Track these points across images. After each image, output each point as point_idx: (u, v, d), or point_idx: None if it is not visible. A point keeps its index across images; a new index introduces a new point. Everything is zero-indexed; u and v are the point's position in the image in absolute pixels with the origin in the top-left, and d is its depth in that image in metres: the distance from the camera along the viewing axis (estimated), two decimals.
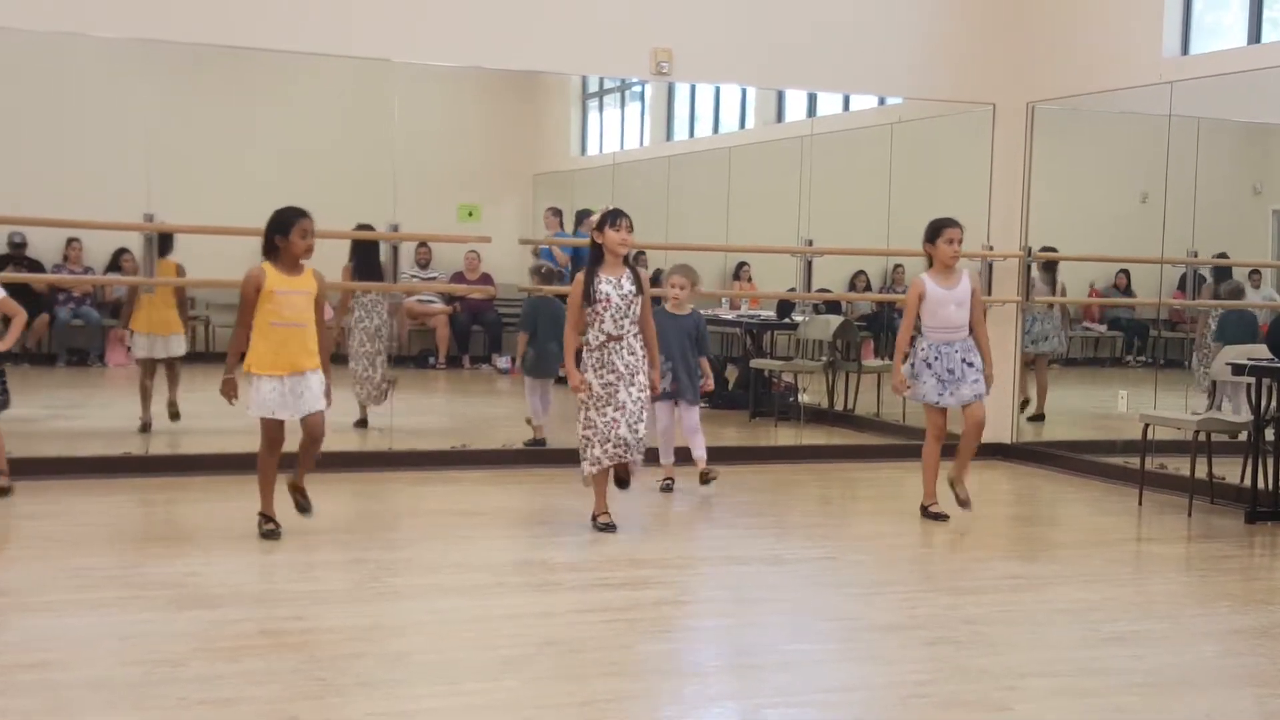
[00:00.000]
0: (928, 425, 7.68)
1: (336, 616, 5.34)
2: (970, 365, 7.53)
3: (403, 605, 5.64)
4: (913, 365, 7.62)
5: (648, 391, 6.99)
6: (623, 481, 7.18)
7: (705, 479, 8.35)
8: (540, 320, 9.59)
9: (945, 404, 7.55)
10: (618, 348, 6.92)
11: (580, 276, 7.00)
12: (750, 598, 5.99)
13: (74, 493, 7.78)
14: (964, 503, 7.57)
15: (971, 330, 7.56)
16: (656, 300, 7.95)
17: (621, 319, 6.92)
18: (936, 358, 7.52)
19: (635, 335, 6.97)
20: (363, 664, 4.72)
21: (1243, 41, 9.01)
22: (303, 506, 6.68)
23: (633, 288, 6.95)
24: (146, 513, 7.65)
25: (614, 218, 6.95)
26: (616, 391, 6.89)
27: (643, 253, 10.97)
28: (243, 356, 6.52)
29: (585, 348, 6.98)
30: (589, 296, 6.89)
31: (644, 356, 7.00)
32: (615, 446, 6.90)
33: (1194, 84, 8.90)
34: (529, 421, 9.65)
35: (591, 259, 7.00)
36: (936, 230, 7.58)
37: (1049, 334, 10.90)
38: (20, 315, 7.31)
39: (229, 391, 6.50)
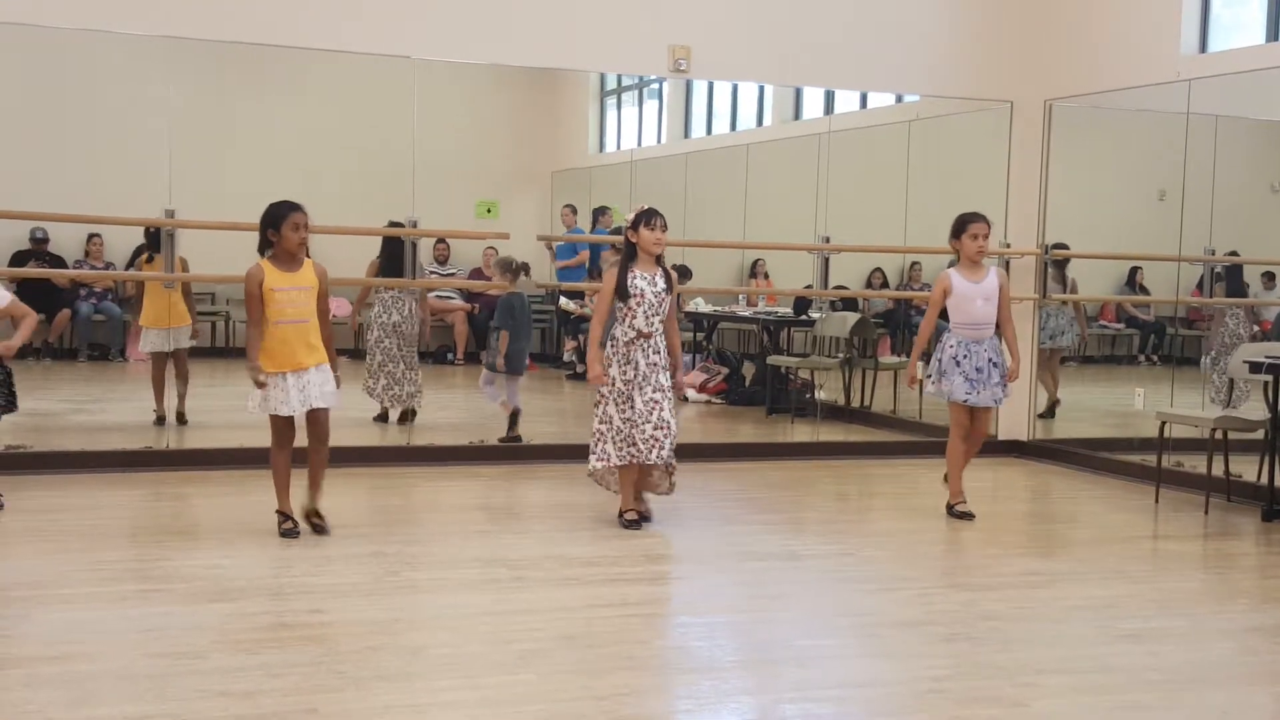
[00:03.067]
0: (953, 424, 7.64)
1: (355, 610, 5.38)
2: (995, 366, 7.53)
3: (421, 599, 5.68)
4: (939, 362, 7.59)
5: (666, 393, 6.99)
6: (646, 518, 7.13)
7: None
8: (517, 316, 9.54)
9: (973, 403, 7.54)
10: (644, 345, 6.95)
11: (613, 271, 7.03)
12: (766, 593, 6.01)
13: (95, 486, 7.84)
14: (966, 515, 7.60)
15: (999, 328, 7.57)
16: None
17: (653, 316, 6.96)
18: (965, 355, 7.50)
19: (660, 335, 7.01)
20: (381, 657, 4.75)
21: (1261, 39, 8.98)
22: (319, 529, 6.64)
23: (665, 286, 6.99)
24: (167, 506, 7.70)
25: (649, 217, 6.97)
26: (636, 390, 6.92)
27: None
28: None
29: (611, 342, 7.00)
30: (624, 292, 6.92)
31: (666, 357, 7.03)
32: (631, 446, 6.92)
33: (1212, 82, 8.88)
34: (514, 415, 9.63)
35: (626, 256, 7.03)
36: (962, 225, 7.56)
37: (1064, 329, 10.91)
38: (30, 317, 7.24)
39: (257, 377, 6.45)
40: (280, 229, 6.48)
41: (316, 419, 6.60)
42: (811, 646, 5.17)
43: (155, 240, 9.37)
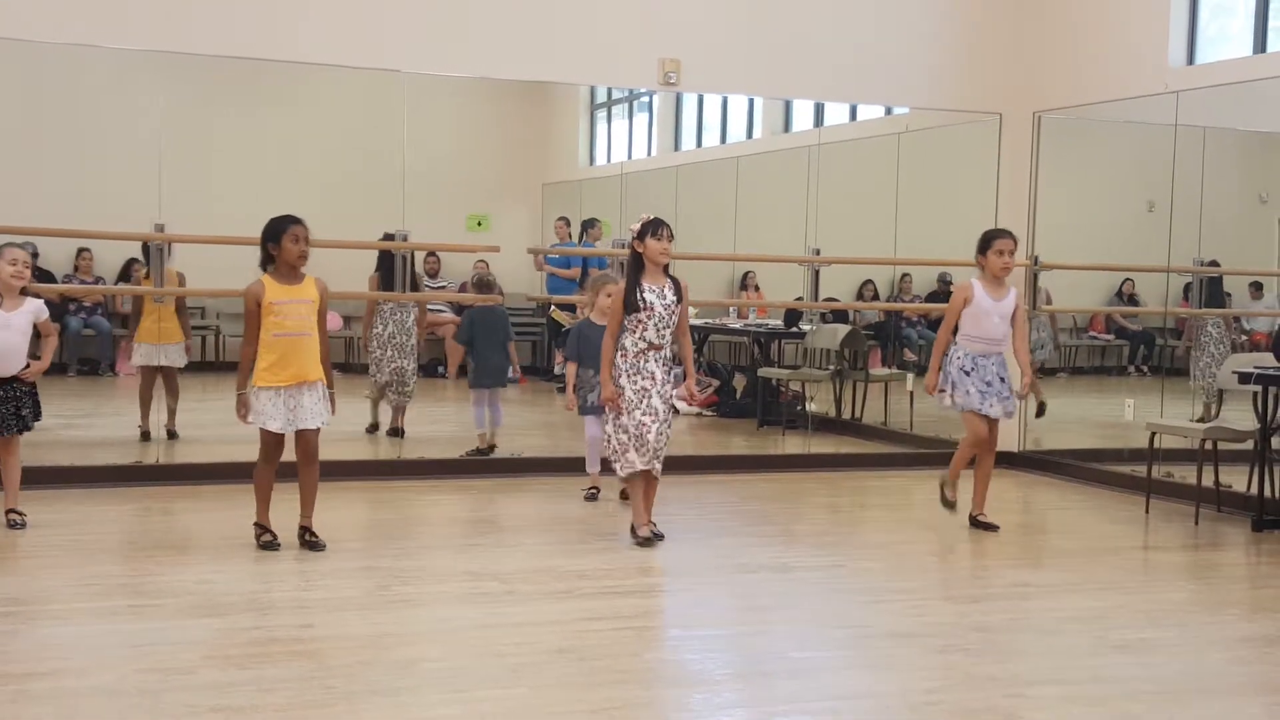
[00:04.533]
0: (969, 432, 7.57)
1: (347, 624, 5.37)
2: (1003, 381, 7.52)
3: (413, 613, 5.67)
4: (948, 374, 7.55)
5: (669, 404, 6.97)
6: (657, 535, 7.07)
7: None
8: (478, 331, 9.51)
9: (987, 412, 7.52)
10: (657, 356, 6.93)
11: (621, 284, 7.00)
12: (759, 606, 6.01)
13: (85, 502, 7.82)
14: (951, 505, 7.60)
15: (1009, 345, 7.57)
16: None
17: (664, 329, 6.92)
18: (973, 368, 7.49)
19: (671, 346, 6.99)
20: (373, 672, 4.74)
21: (1248, 51, 9.02)
22: (315, 545, 6.59)
23: (674, 297, 6.95)
24: (157, 521, 7.68)
25: (655, 227, 6.92)
26: (649, 396, 6.90)
27: None
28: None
29: (621, 354, 6.95)
30: (633, 305, 6.89)
31: (672, 368, 7.00)
32: (642, 451, 6.90)
33: (1199, 93, 8.92)
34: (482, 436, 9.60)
35: (632, 268, 6.98)
36: (987, 241, 7.54)
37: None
38: (53, 337, 7.20)
39: (241, 410, 6.52)
40: (280, 242, 6.48)
41: (305, 438, 6.58)
42: (804, 658, 5.17)
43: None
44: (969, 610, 5.94)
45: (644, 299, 6.88)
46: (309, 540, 6.61)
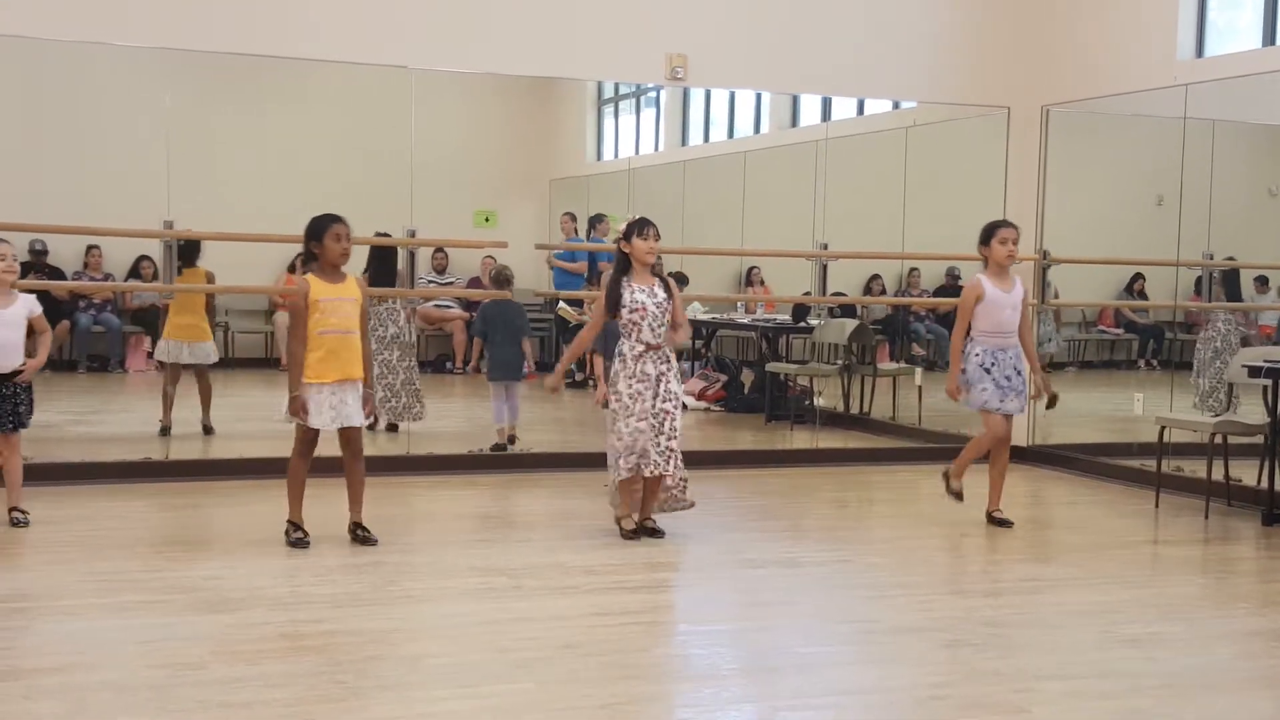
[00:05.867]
0: (989, 431, 7.50)
1: (355, 620, 5.37)
2: (1019, 374, 7.50)
3: (421, 608, 5.68)
4: (964, 372, 7.53)
5: (676, 401, 6.94)
6: (656, 533, 7.01)
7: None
8: (493, 324, 9.56)
9: (1006, 410, 7.50)
10: (654, 357, 6.91)
11: (607, 286, 7.00)
12: (766, 601, 6.01)
13: (95, 498, 7.84)
14: (958, 495, 7.60)
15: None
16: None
17: (659, 327, 6.90)
18: (994, 363, 7.45)
19: (668, 344, 6.96)
20: (381, 667, 4.75)
21: (1257, 43, 9.00)
22: (367, 540, 6.60)
23: (665, 295, 6.94)
24: (167, 517, 7.69)
25: (641, 227, 6.91)
26: (644, 401, 6.89)
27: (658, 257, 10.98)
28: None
29: (619, 359, 6.93)
30: (617, 305, 6.88)
31: (673, 364, 6.99)
32: (639, 458, 6.86)
33: (1208, 86, 8.89)
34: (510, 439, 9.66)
35: (619, 268, 6.97)
36: (990, 231, 7.53)
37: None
38: (48, 334, 7.16)
39: (298, 410, 6.47)
40: (323, 240, 6.51)
41: (349, 435, 6.62)
42: (811, 653, 5.18)
43: (185, 253, 9.33)
44: (976, 605, 5.94)
45: (635, 299, 6.86)
46: (361, 535, 6.64)
